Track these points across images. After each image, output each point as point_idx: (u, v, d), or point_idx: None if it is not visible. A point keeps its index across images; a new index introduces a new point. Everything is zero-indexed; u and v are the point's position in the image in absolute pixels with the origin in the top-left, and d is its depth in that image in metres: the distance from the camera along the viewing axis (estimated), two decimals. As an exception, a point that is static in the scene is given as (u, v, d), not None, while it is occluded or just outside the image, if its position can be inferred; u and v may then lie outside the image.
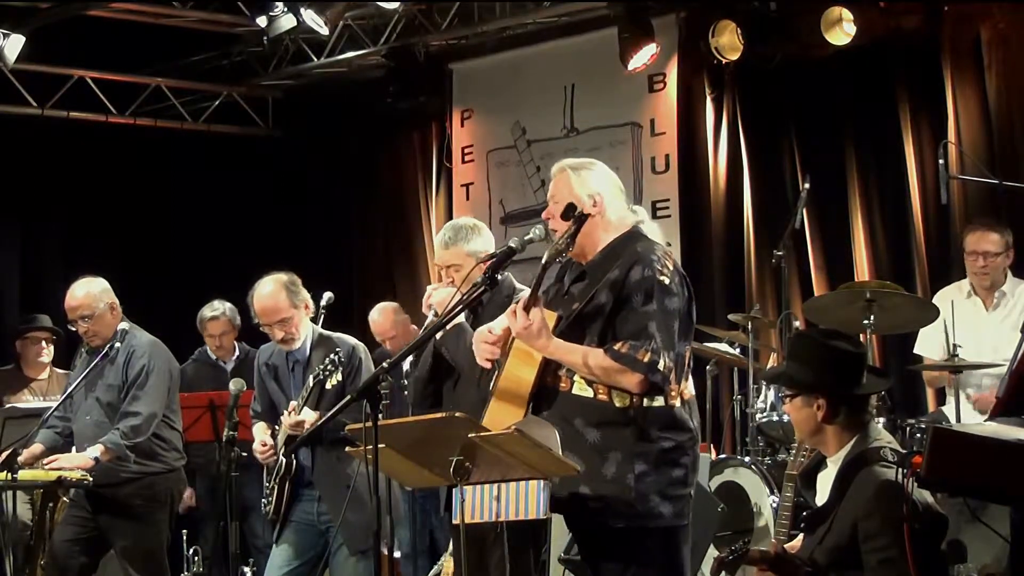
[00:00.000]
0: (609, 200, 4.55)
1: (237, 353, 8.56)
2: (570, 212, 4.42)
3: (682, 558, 4.44)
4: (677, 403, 4.39)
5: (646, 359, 4.25)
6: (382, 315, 8.50)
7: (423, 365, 5.34)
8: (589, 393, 4.36)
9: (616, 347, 4.30)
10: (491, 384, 4.54)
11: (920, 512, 4.23)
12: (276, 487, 6.06)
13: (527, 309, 4.33)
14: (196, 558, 8.10)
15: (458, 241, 5.39)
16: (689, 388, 4.48)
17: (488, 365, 4.56)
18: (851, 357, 4.53)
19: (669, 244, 4.66)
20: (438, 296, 5.37)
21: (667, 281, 4.36)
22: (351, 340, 6.18)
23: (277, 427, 6.13)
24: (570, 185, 4.54)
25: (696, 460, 4.48)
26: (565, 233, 4.40)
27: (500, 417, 4.40)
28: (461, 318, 5.15)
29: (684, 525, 4.43)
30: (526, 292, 4.53)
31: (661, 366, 4.26)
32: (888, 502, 4.17)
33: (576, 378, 4.38)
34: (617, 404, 4.34)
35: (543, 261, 4.41)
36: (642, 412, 4.33)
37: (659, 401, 4.34)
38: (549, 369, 4.42)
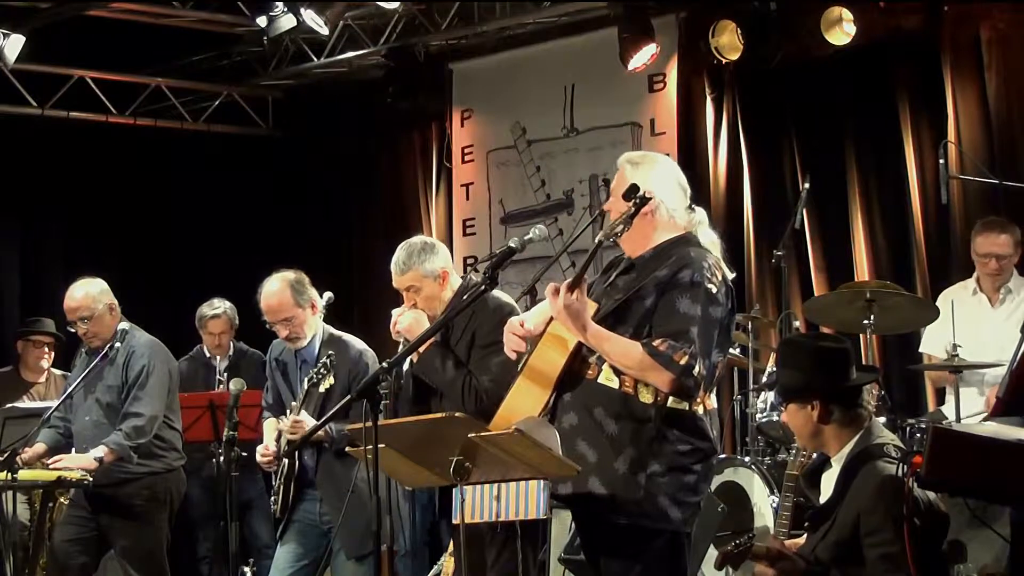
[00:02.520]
0: (671, 199, 4.49)
1: (232, 352, 8.56)
2: (632, 193, 4.30)
3: (685, 565, 4.42)
4: (700, 411, 4.35)
5: (683, 361, 4.19)
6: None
7: (405, 392, 5.39)
8: (615, 384, 4.31)
9: (655, 343, 4.23)
10: (519, 366, 4.48)
11: (922, 510, 4.23)
12: (282, 487, 6.08)
13: (571, 289, 4.24)
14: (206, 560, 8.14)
15: (413, 264, 5.48)
16: (712, 400, 4.46)
17: (514, 356, 4.51)
18: (835, 353, 4.56)
19: (734, 271, 4.53)
20: (404, 322, 5.43)
21: (714, 290, 4.30)
22: (359, 344, 6.18)
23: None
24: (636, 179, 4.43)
25: (710, 471, 4.45)
26: (624, 215, 4.29)
27: (524, 397, 4.37)
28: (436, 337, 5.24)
29: (688, 533, 4.40)
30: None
31: (696, 371, 4.20)
32: (891, 498, 4.18)
33: (604, 367, 4.32)
34: (641, 399, 4.29)
35: (596, 239, 4.33)
36: (664, 412, 4.28)
37: (683, 405, 4.30)
38: (578, 356, 4.37)
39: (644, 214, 4.37)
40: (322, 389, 5.93)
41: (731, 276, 4.45)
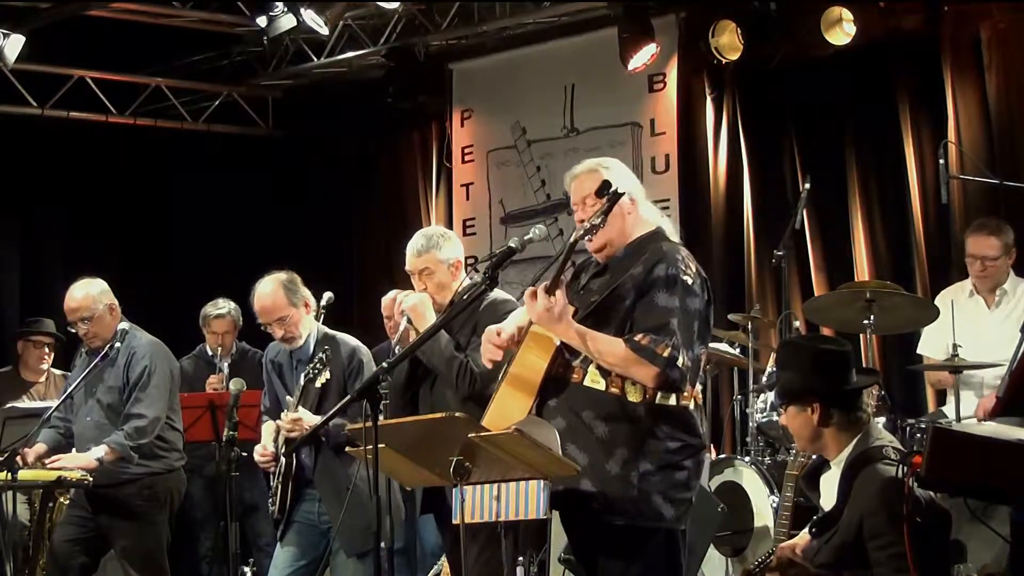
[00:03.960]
0: (639, 199, 4.52)
1: (234, 352, 8.56)
2: (605, 189, 4.33)
3: (682, 562, 4.43)
4: (690, 405, 4.36)
5: (666, 354, 4.21)
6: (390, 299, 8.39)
7: (398, 373, 5.36)
8: (601, 385, 4.32)
9: (637, 338, 4.24)
10: (501, 373, 4.50)
11: (924, 508, 4.24)
12: (279, 486, 6.09)
13: (549, 291, 4.26)
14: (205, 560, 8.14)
15: (430, 248, 5.54)
16: (698, 392, 4.46)
17: (491, 365, 4.54)
18: (835, 356, 4.56)
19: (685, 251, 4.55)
20: (409, 302, 5.44)
21: (690, 281, 4.33)
22: (353, 341, 6.19)
23: None
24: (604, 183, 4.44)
25: (700, 466, 4.47)
26: (597, 211, 4.32)
27: (508, 404, 4.38)
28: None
29: (683, 530, 4.41)
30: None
31: (680, 363, 4.23)
32: (893, 499, 4.18)
33: (589, 369, 4.34)
34: (630, 398, 4.30)
35: (570, 240, 4.35)
36: (654, 409, 4.30)
37: (672, 400, 4.32)
38: (561, 359, 4.38)
39: (628, 212, 4.42)
40: (318, 384, 5.93)
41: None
